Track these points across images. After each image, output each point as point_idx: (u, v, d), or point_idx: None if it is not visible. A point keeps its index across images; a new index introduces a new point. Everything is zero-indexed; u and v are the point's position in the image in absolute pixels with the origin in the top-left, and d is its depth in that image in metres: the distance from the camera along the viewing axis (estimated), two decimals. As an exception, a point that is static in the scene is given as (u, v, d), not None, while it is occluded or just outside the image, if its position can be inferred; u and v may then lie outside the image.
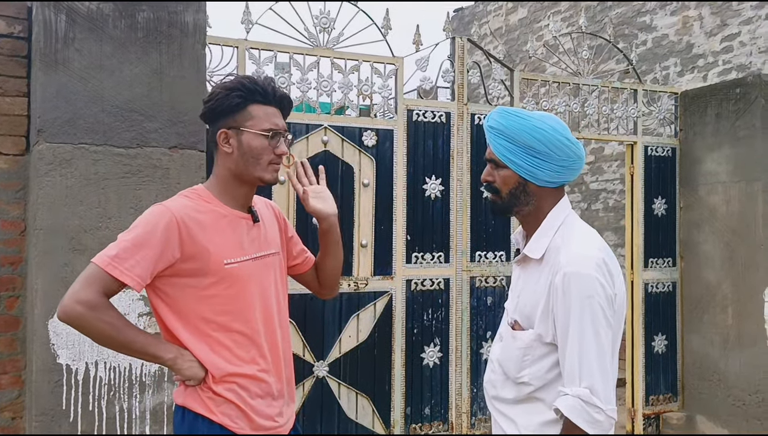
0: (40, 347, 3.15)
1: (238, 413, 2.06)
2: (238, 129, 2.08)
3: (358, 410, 4.39)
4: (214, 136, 2.12)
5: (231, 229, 2.09)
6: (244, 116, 2.08)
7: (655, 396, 5.40)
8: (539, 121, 2.00)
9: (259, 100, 2.09)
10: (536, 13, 10.36)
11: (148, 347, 2.01)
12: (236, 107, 2.07)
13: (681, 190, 5.50)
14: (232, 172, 2.11)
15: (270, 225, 2.27)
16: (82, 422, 3.21)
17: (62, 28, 3.21)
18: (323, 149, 4.30)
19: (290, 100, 2.21)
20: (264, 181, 2.13)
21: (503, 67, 4.95)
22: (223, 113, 2.09)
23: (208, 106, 2.12)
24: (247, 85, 2.09)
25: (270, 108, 2.12)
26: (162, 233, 1.96)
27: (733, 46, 7.54)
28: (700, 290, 5.34)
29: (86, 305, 1.91)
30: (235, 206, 2.13)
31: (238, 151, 2.08)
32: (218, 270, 2.03)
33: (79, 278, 1.96)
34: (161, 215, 1.99)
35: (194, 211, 2.04)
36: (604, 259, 1.92)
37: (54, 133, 3.19)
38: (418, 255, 4.58)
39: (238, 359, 2.07)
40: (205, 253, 2.01)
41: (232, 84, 2.10)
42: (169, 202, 2.06)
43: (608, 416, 1.85)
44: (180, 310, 2.04)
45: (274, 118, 2.12)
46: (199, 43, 3.49)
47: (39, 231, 3.18)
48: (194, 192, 2.12)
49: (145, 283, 1.98)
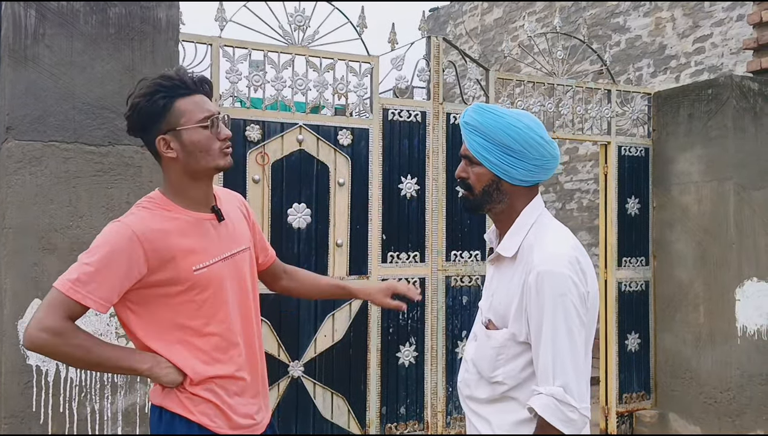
0: (9, 348, 3.10)
1: (216, 412, 2.04)
2: (174, 130, 1.99)
3: (334, 410, 4.37)
4: (152, 145, 2.03)
5: (196, 233, 2.03)
6: (174, 115, 1.99)
7: (629, 394, 5.44)
8: (514, 120, 1.99)
9: (182, 93, 2.01)
10: (511, 13, 10.41)
11: (121, 361, 1.97)
12: (164, 109, 1.98)
13: (654, 189, 5.55)
14: (185, 173, 2.04)
15: (238, 220, 2.21)
16: (53, 424, 3.16)
17: (32, 23, 3.16)
18: (298, 148, 4.28)
19: (209, 80, 2.11)
20: (219, 169, 2.06)
21: (479, 66, 4.96)
22: (152, 120, 1.99)
23: (132, 120, 2.02)
24: (165, 83, 2.00)
25: (196, 97, 2.03)
26: (125, 251, 1.91)
27: (705, 47, 7.63)
28: (672, 288, 5.39)
29: (51, 331, 1.87)
30: (196, 208, 2.06)
31: (183, 151, 2.00)
32: (188, 277, 1.99)
33: (41, 304, 1.92)
34: (121, 234, 1.93)
35: (154, 223, 1.98)
36: (576, 257, 1.93)
37: (23, 131, 3.14)
38: (394, 254, 4.57)
39: (216, 361, 2.04)
40: (172, 262, 1.97)
41: (150, 89, 1.99)
42: (127, 218, 1.99)
43: (582, 415, 1.85)
44: (153, 320, 2.00)
45: (204, 105, 2.03)
46: (172, 40, 3.45)
47: (8, 230, 3.13)
48: (151, 201, 2.05)
49: (111, 304, 1.93)
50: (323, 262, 4.34)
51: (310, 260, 4.30)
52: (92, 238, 1.97)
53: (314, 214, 4.33)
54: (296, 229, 4.27)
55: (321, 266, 4.34)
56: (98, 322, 3.19)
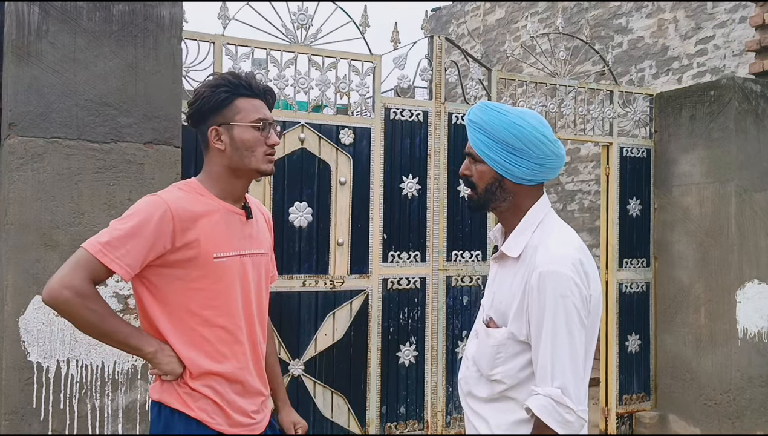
0: (10, 345, 3.10)
1: (215, 408, 2.05)
2: (228, 124, 2.08)
3: (334, 409, 4.38)
4: (204, 135, 2.11)
5: (223, 223, 2.08)
6: (232, 111, 2.08)
7: (629, 395, 5.44)
8: (518, 118, 1.98)
9: (244, 93, 2.10)
10: (514, 13, 10.41)
11: (129, 338, 1.99)
12: (223, 103, 2.08)
13: (655, 191, 5.55)
14: (228, 168, 2.11)
15: (263, 227, 2.28)
16: (53, 421, 3.16)
17: (35, 20, 3.16)
18: (300, 147, 4.28)
19: (273, 93, 2.21)
20: (261, 173, 2.13)
21: (481, 66, 4.96)
22: (211, 111, 2.08)
23: (195, 107, 2.11)
24: (232, 80, 2.10)
25: (256, 100, 2.12)
26: (156, 223, 1.96)
27: (708, 49, 7.63)
28: (673, 290, 5.39)
29: (74, 290, 1.90)
30: (229, 201, 2.13)
31: (230, 146, 2.08)
32: (207, 263, 2.02)
33: (67, 261, 1.94)
34: (156, 206, 1.98)
35: (188, 203, 2.03)
36: (580, 259, 1.92)
37: (26, 127, 3.13)
38: (395, 254, 4.58)
39: (219, 355, 2.06)
40: (196, 245, 2.01)
41: (216, 81, 2.10)
42: (163, 193, 2.05)
43: (579, 417, 1.85)
44: (166, 301, 2.03)
45: (261, 109, 2.12)
46: (175, 37, 3.45)
47: (10, 226, 3.12)
48: (188, 185, 2.11)
49: (135, 272, 1.97)
50: (324, 260, 4.35)
51: (311, 258, 4.30)
52: (94, 235, 1.98)
53: (315, 212, 4.34)
54: (297, 227, 4.27)
55: (322, 264, 4.34)
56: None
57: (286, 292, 4.21)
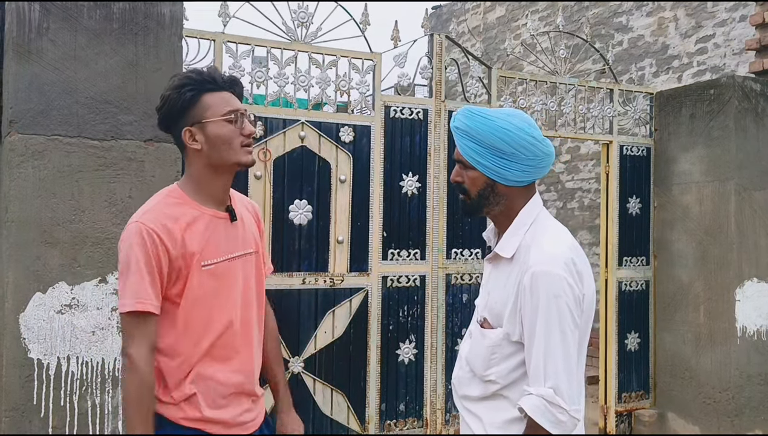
0: (10, 342, 3.11)
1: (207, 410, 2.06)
2: (200, 123, 2.05)
3: (333, 406, 4.38)
4: (179, 138, 2.09)
5: (208, 230, 2.08)
6: (201, 108, 2.06)
7: (628, 394, 5.45)
8: (504, 121, 1.97)
9: (210, 88, 2.07)
10: (514, 11, 10.40)
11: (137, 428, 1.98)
12: (190, 102, 2.05)
13: (655, 189, 5.56)
14: (208, 166, 2.09)
15: (249, 224, 2.25)
16: (54, 418, 3.16)
17: (36, 17, 3.16)
18: (300, 145, 4.29)
19: (240, 82, 2.19)
20: (241, 165, 2.11)
21: (481, 64, 4.96)
22: (180, 112, 2.06)
23: (164, 111, 2.09)
24: (195, 77, 2.07)
25: (223, 93, 2.10)
26: (150, 250, 1.97)
27: (708, 47, 7.63)
28: (672, 288, 5.39)
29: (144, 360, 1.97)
30: (211, 205, 2.11)
31: (207, 144, 2.06)
32: (196, 272, 2.03)
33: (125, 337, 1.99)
34: (139, 234, 1.98)
35: (169, 216, 2.02)
36: (572, 258, 1.92)
37: (26, 125, 3.14)
38: (395, 252, 4.58)
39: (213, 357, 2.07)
40: (185, 255, 2.01)
41: (179, 82, 2.07)
42: (141, 216, 2.03)
43: (572, 417, 1.85)
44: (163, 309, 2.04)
45: (230, 101, 2.10)
46: (176, 35, 3.45)
47: (10, 223, 3.13)
48: (170, 194, 2.10)
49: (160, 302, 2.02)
50: (324, 258, 4.35)
51: (311, 256, 4.30)
52: (94, 232, 2.00)
53: (315, 210, 4.34)
54: (297, 225, 4.27)
55: (322, 262, 4.34)
56: (99, 316, 3.20)
57: (286, 289, 4.22)
